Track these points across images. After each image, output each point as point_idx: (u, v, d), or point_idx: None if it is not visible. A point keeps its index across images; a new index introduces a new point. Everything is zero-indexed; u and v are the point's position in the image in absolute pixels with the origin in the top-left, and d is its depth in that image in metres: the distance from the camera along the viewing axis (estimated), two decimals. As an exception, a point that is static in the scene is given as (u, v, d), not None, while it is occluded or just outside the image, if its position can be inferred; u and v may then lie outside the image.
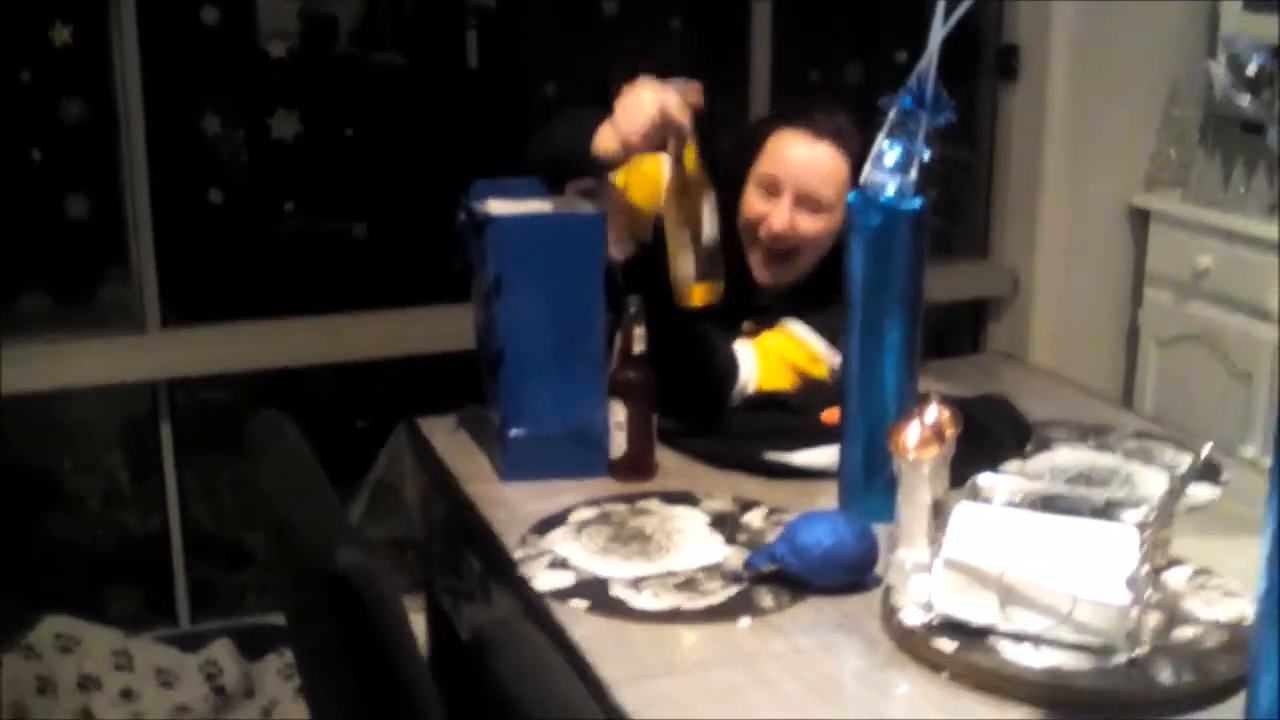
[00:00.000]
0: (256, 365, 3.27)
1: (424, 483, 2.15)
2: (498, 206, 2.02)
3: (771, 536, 1.77)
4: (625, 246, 2.13)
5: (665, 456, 2.05)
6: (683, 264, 1.98)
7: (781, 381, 2.19)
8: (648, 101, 1.93)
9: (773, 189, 2.14)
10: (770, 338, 2.20)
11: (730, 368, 2.15)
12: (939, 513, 1.65)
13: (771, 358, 2.18)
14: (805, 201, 2.13)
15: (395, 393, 3.48)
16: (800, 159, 2.13)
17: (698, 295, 1.99)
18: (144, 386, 3.23)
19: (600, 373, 2.01)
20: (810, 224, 2.14)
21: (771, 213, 2.14)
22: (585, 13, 3.51)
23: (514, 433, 2.02)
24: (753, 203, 2.16)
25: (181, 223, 3.23)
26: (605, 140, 1.99)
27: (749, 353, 2.18)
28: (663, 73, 2.01)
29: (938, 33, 1.77)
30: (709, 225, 1.98)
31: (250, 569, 3.43)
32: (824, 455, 1.99)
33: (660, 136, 1.94)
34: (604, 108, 2.01)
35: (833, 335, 2.13)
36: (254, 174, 3.35)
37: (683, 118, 1.93)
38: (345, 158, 3.39)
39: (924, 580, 1.57)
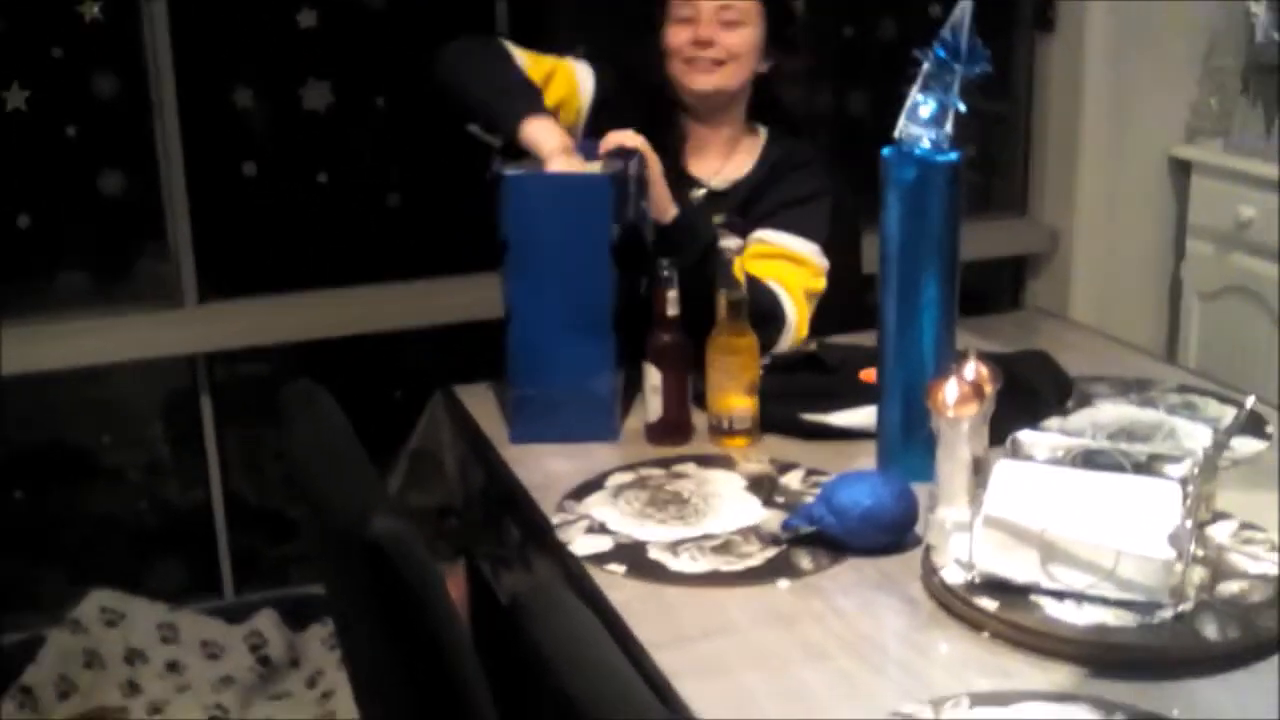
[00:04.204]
0: (294, 337, 3.28)
1: (462, 450, 2.15)
2: (514, 166, 2.01)
3: (809, 498, 1.76)
4: (670, 210, 2.13)
5: (701, 419, 2.04)
6: (727, 404, 1.99)
7: (806, 318, 2.26)
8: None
9: (689, 16, 2.27)
10: (756, 260, 2.21)
11: (777, 306, 2.19)
12: (979, 470, 1.63)
13: (793, 290, 2.24)
14: (722, 15, 2.26)
15: (432, 362, 3.48)
16: None
17: (738, 441, 2.00)
18: (183, 360, 3.24)
19: (609, 336, 2.00)
20: (731, 36, 2.27)
21: (695, 28, 2.26)
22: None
23: (520, 393, 2.02)
24: (676, 32, 2.28)
25: (216, 196, 3.24)
26: (534, 136, 2.07)
27: (785, 295, 2.21)
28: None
29: (971, -16, 1.74)
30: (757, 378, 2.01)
31: (293, 540, 3.45)
32: (862, 415, 1.97)
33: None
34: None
35: (806, 230, 2.29)
36: (287, 146, 3.35)
37: None
38: (377, 127, 3.38)
39: (964, 539, 1.55)
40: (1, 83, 3.03)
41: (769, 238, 2.28)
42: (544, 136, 2.07)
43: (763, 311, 2.12)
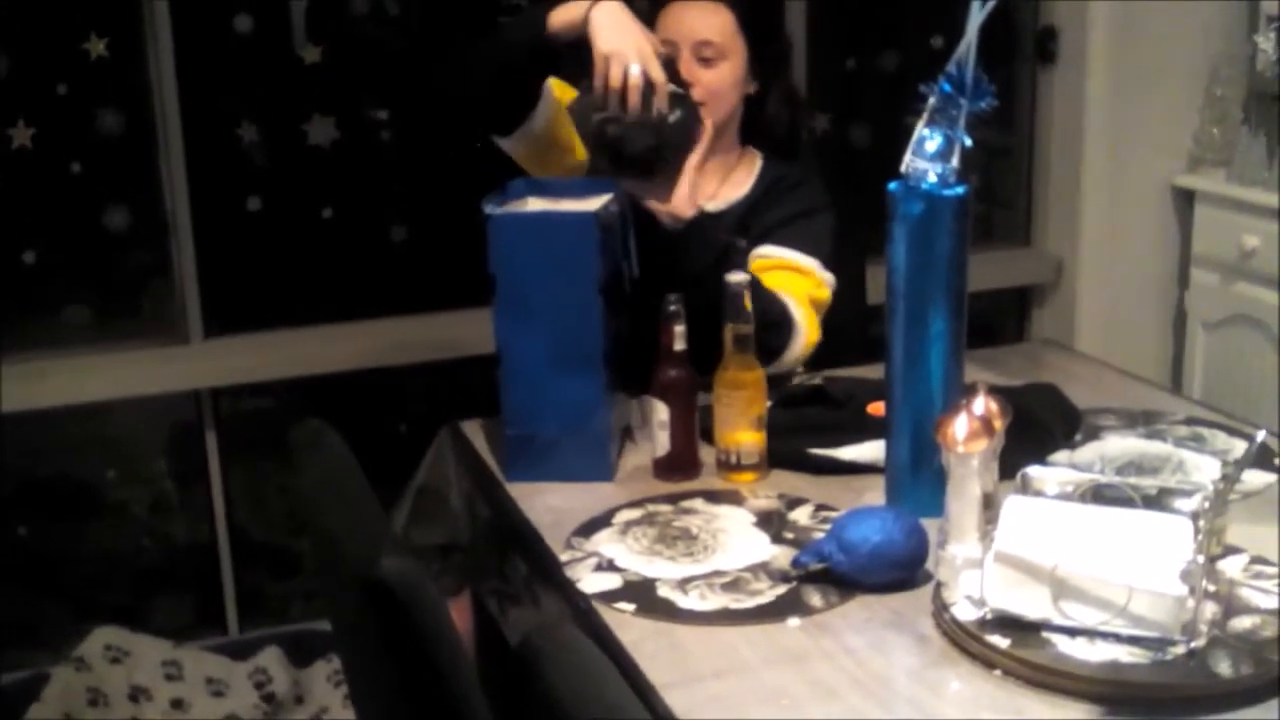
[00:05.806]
0: (299, 372, 3.28)
1: (468, 486, 2.14)
2: (510, 204, 2.01)
3: (819, 534, 1.75)
4: (694, 204, 2.15)
5: (708, 454, 2.03)
6: (734, 438, 1.98)
7: (816, 325, 2.25)
8: (632, 62, 2.06)
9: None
10: (758, 273, 2.20)
11: (785, 312, 2.18)
12: (989, 506, 1.63)
13: (799, 297, 2.23)
14: (701, 52, 2.28)
15: (438, 396, 3.48)
16: (685, 16, 2.31)
17: (746, 476, 1.99)
18: (188, 395, 3.24)
19: (600, 375, 1.99)
20: (709, 74, 2.29)
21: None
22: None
23: (514, 433, 2.01)
24: None
25: (221, 232, 3.24)
26: (561, 19, 2.10)
27: (791, 301, 2.20)
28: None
29: (976, 17, 1.74)
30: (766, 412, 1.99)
31: (298, 576, 3.44)
32: (870, 450, 1.96)
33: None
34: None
35: (806, 245, 2.29)
36: (291, 181, 3.36)
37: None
38: (382, 162, 3.39)
39: (975, 575, 1.55)
40: (7, 120, 3.04)
41: (769, 251, 2.29)
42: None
43: (770, 319, 2.11)
